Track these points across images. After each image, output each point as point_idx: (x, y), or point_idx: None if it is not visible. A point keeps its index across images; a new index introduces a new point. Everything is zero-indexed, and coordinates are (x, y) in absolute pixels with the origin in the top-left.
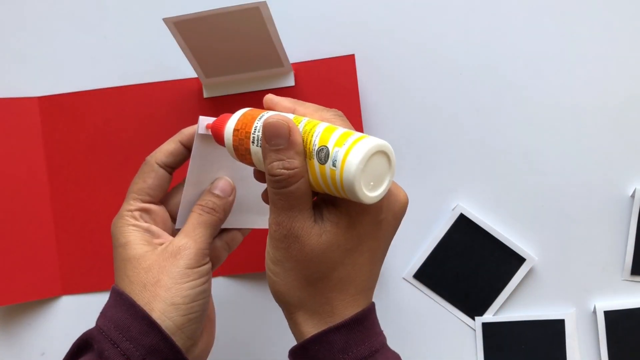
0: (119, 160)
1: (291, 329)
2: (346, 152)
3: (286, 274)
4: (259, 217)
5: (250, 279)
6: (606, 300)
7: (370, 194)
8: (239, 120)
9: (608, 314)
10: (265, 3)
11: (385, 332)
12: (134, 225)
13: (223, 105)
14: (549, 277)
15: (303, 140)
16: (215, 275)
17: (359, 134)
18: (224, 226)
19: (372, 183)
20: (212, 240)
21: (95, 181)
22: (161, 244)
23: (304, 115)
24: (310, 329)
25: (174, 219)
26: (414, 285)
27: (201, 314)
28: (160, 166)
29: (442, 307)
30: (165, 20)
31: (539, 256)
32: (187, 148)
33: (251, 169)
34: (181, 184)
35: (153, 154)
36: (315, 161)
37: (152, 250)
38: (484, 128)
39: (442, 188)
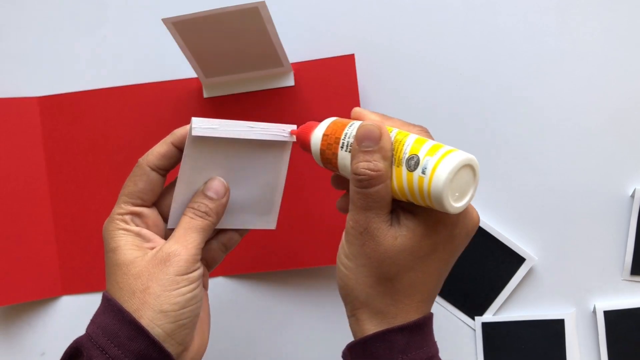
0: (118, 160)
1: (351, 325)
2: (437, 162)
3: (358, 270)
4: (257, 218)
5: (251, 279)
6: (606, 300)
7: (455, 204)
8: (329, 126)
9: (608, 314)
10: (263, 3)
11: None
12: (124, 229)
13: (223, 105)
14: (548, 277)
15: (393, 148)
16: (215, 275)
17: (448, 147)
18: (220, 227)
19: (457, 194)
20: (204, 245)
21: (95, 181)
22: (152, 249)
23: (392, 127)
24: (372, 327)
25: (166, 220)
26: None
27: (192, 320)
28: (152, 169)
29: (441, 306)
30: (164, 20)
31: (538, 256)
32: (180, 149)
33: (251, 169)
34: (173, 183)
35: (145, 156)
36: (403, 168)
37: (142, 255)
38: (484, 128)
39: None
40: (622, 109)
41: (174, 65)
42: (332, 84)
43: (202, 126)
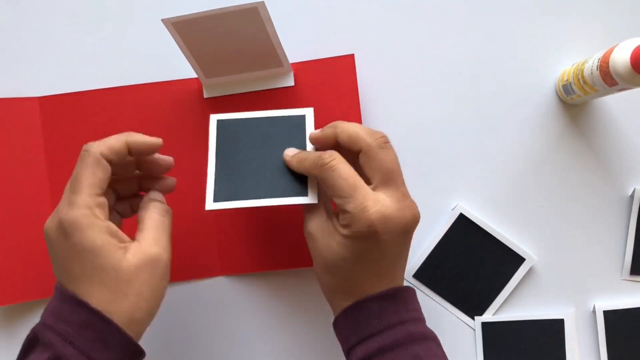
0: None
1: (333, 308)
2: None
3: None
4: (295, 191)
5: (251, 279)
6: (605, 300)
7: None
8: None
9: (607, 314)
10: (263, 3)
11: None
12: (98, 226)
13: (223, 105)
14: (548, 276)
15: None
16: (216, 275)
17: None
18: (259, 204)
19: None
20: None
21: None
22: (124, 246)
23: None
24: (348, 303)
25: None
26: (413, 285)
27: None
28: (106, 160)
29: (441, 306)
30: (164, 21)
31: (538, 256)
32: (130, 154)
33: (279, 143)
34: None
35: (97, 146)
36: None
37: (125, 259)
38: (484, 128)
39: (442, 188)
40: (621, 109)
41: (174, 65)
42: (332, 83)
43: (221, 114)
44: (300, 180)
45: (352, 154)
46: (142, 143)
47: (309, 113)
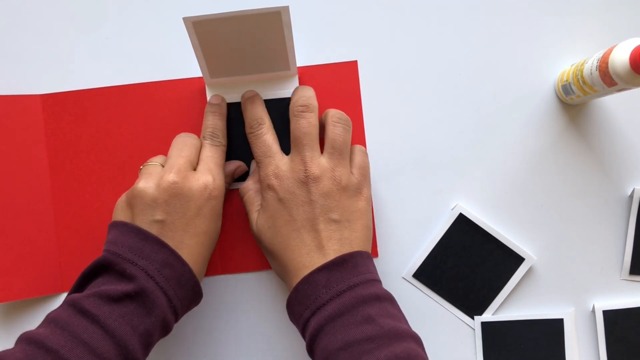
0: (120, 159)
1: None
2: None
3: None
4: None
5: (251, 278)
6: (605, 299)
7: None
8: None
9: (607, 314)
10: (287, 8)
11: None
12: (223, 201)
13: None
14: (548, 276)
15: None
16: (216, 274)
17: None
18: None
19: None
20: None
21: (97, 179)
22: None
23: None
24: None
25: None
26: (413, 285)
27: None
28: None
29: (441, 306)
30: (185, 19)
31: (538, 256)
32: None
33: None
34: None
35: (222, 134)
36: None
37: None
38: (483, 128)
39: (442, 188)
40: (621, 109)
41: (176, 64)
42: (335, 89)
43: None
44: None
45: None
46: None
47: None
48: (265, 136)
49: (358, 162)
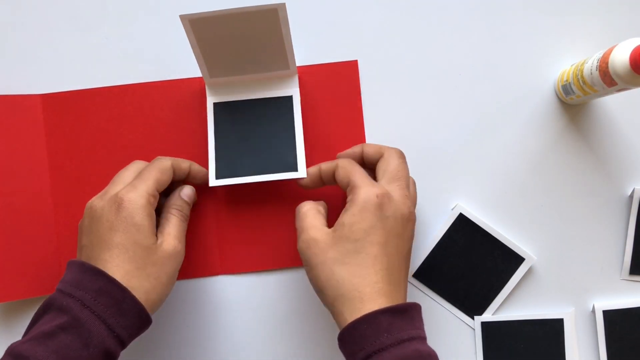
0: (120, 159)
1: (337, 321)
2: None
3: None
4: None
5: (251, 278)
6: (605, 299)
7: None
8: None
9: (607, 314)
10: (284, 5)
11: None
12: (148, 211)
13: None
14: (548, 276)
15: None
16: (216, 273)
17: None
18: (253, 180)
19: None
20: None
21: (97, 179)
22: (158, 236)
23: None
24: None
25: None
26: (413, 285)
27: None
28: (171, 172)
29: (441, 306)
30: (182, 17)
31: (538, 256)
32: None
33: (268, 125)
34: None
35: (173, 160)
36: None
37: (160, 245)
38: (483, 128)
39: (442, 188)
40: (620, 109)
41: (176, 64)
42: (335, 89)
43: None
44: (290, 157)
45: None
46: (201, 172)
47: (295, 94)
48: (355, 165)
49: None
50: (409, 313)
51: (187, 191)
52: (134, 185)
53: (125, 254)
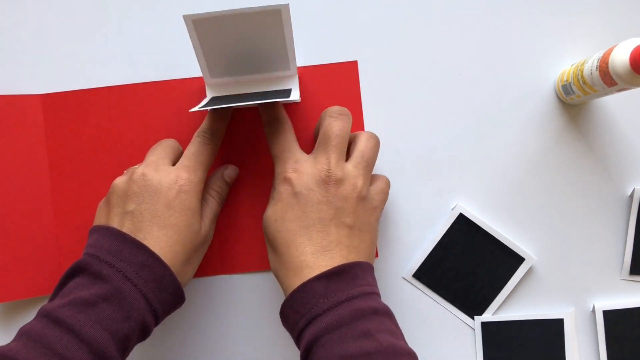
0: (120, 159)
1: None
2: None
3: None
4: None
5: (251, 278)
6: (605, 299)
7: None
8: None
9: (607, 314)
10: (287, 6)
11: None
12: (199, 196)
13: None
14: (548, 276)
15: None
16: (216, 274)
17: None
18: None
19: None
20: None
21: (97, 179)
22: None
23: None
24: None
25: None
26: (413, 285)
27: None
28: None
29: (441, 306)
30: (185, 17)
31: (538, 256)
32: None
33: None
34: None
35: (217, 136)
36: None
37: (200, 230)
38: (483, 128)
39: (442, 188)
40: (620, 109)
41: (176, 64)
42: (335, 89)
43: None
44: (281, 94)
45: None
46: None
47: (294, 90)
48: (287, 133)
49: (381, 188)
50: (349, 273)
51: (230, 172)
52: (193, 169)
53: (179, 236)
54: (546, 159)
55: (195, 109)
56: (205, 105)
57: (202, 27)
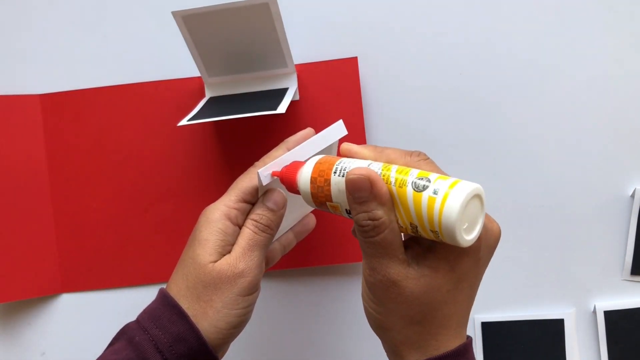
0: (119, 158)
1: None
2: (448, 189)
3: (390, 314)
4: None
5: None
6: (606, 300)
7: (467, 237)
8: (314, 169)
9: (608, 314)
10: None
11: None
12: (221, 227)
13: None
14: (548, 276)
15: (388, 191)
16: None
17: (452, 178)
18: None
19: (466, 225)
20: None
21: (96, 179)
22: (227, 254)
23: (389, 162)
24: None
25: None
26: None
27: (237, 335)
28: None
29: None
30: (174, 13)
31: (538, 255)
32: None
33: None
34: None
35: (262, 160)
36: (409, 189)
37: (213, 264)
38: (484, 128)
39: None
40: (621, 109)
41: (176, 64)
42: (334, 86)
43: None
44: (274, 98)
45: None
46: (298, 141)
47: (292, 87)
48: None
49: None
50: (467, 352)
51: (271, 196)
52: (223, 196)
53: (183, 270)
54: (547, 158)
55: (182, 122)
56: (192, 119)
57: (192, 23)
